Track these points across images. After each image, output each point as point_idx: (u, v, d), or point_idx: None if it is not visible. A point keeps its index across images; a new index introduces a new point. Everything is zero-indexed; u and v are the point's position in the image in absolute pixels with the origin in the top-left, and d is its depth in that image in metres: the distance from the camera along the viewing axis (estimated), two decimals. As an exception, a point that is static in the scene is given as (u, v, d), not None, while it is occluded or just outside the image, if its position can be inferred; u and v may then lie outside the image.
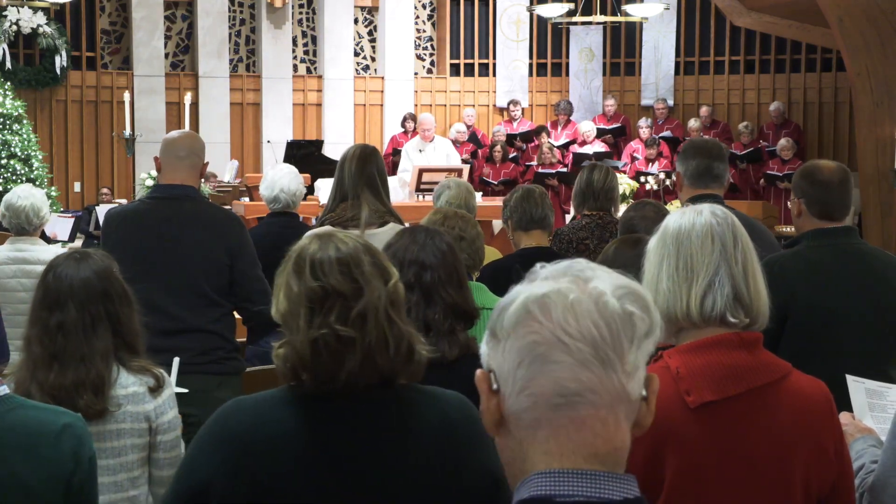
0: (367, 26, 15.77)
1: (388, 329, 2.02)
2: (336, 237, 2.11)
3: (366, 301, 2.01)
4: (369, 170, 4.44)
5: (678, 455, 2.11)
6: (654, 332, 1.41)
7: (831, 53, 14.88)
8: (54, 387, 2.86)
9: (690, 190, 4.21)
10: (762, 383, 2.16)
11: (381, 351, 2.01)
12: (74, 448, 2.33)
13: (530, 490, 1.37)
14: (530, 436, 1.39)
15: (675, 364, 2.15)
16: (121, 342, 2.98)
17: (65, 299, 2.91)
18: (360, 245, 2.09)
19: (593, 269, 1.42)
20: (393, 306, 2.04)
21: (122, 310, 2.98)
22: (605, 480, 1.36)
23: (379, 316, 2.01)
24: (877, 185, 12.04)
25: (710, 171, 4.19)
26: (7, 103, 12.33)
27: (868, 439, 2.69)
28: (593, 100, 15.73)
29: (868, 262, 3.62)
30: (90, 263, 2.98)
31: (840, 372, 3.08)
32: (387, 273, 2.07)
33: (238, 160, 14.10)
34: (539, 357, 1.36)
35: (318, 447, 2.00)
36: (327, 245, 2.07)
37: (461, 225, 3.70)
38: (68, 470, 2.31)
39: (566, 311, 1.37)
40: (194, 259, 4.21)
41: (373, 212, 4.38)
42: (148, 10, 14.51)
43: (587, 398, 1.36)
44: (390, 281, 2.06)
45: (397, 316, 2.05)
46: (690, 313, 2.18)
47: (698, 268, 2.20)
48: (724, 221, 2.24)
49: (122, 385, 2.96)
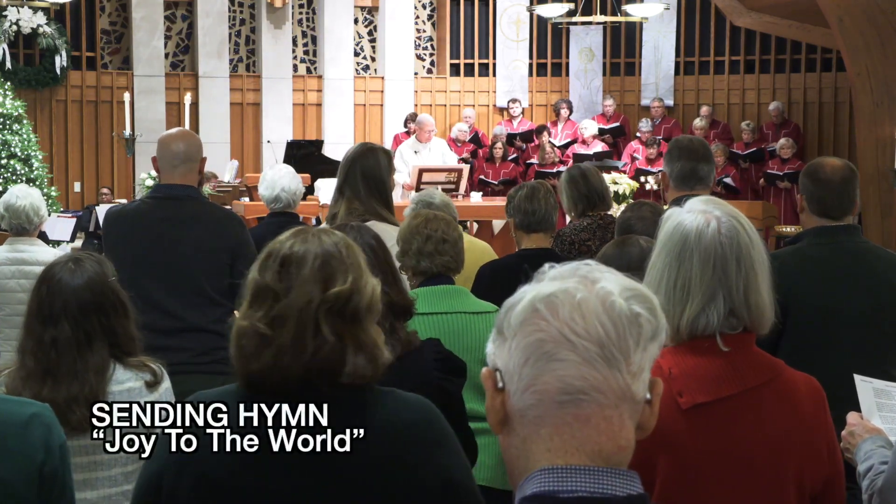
0: (367, 26, 15.77)
1: (309, 333, 1.98)
2: (317, 234, 2.10)
3: (288, 303, 2.00)
4: (353, 169, 4.40)
5: (670, 456, 2.11)
6: (660, 335, 1.42)
7: (831, 53, 14.88)
8: (47, 401, 2.85)
9: (675, 192, 4.24)
10: (755, 384, 2.15)
11: (294, 353, 1.98)
12: (43, 437, 2.32)
13: (533, 487, 1.38)
14: (534, 433, 1.39)
15: (667, 364, 2.14)
16: (117, 350, 2.98)
17: (58, 315, 2.90)
18: (328, 247, 2.06)
19: (601, 270, 1.44)
20: (331, 313, 2.00)
21: (118, 321, 2.97)
22: (609, 476, 1.37)
23: (302, 319, 1.98)
24: (877, 185, 12.04)
25: (696, 174, 4.21)
26: (7, 103, 12.32)
27: (877, 440, 2.67)
28: (593, 100, 15.73)
29: (869, 260, 3.62)
30: (84, 274, 2.95)
31: (839, 370, 3.08)
32: (333, 280, 2.02)
33: (238, 160, 14.09)
34: (545, 355, 1.37)
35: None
36: (292, 241, 2.08)
37: (443, 227, 3.66)
38: (39, 460, 2.30)
39: (573, 310, 1.38)
40: (195, 259, 4.21)
41: (351, 210, 4.36)
42: (148, 10, 14.51)
43: (592, 396, 1.37)
44: (336, 288, 2.01)
45: (337, 322, 2.00)
46: (679, 332, 2.17)
47: (694, 292, 2.16)
48: (731, 239, 2.17)
49: (119, 381, 2.97)
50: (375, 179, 4.40)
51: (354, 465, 2.02)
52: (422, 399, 2.12)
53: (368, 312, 2.06)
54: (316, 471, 2.01)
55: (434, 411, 2.09)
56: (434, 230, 3.63)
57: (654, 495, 2.10)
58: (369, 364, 2.03)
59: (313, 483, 2.01)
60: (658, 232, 2.26)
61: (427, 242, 3.60)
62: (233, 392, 2.07)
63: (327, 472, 2.02)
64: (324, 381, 2.00)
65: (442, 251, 3.60)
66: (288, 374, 1.99)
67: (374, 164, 4.41)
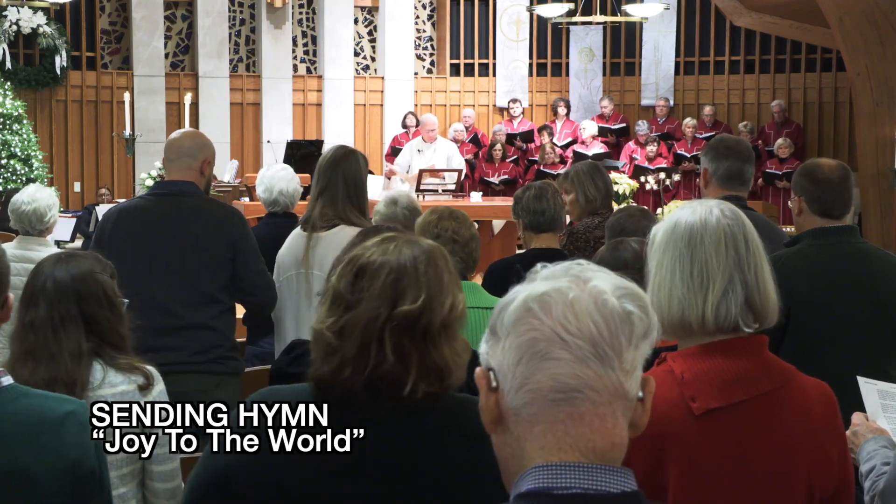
0: (367, 26, 15.78)
1: (373, 349, 1.95)
2: (401, 245, 2.04)
3: (356, 314, 1.97)
4: (335, 172, 4.38)
5: (682, 461, 2.10)
6: (652, 333, 1.43)
7: (831, 53, 14.89)
8: (29, 383, 2.88)
9: (719, 190, 4.07)
10: (767, 389, 2.14)
11: (356, 367, 1.96)
12: (78, 435, 2.31)
13: (528, 484, 1.38)
14: (528, 431, 1.40)
15: (680, 368, 2.13)
16: (100, 343, 2.98)
17: (37, 296, 2.94)
18: (405, 260, 2.01)
19: (594, 269, 1.44)
20: (397, 331, 1.96)
21: (101, 311, 2.98)
22: (603, 473, 1.38)
23: (367, 334, 1.96)
24: (877, 185, 12.04)
25: (742, 175, 4.10)
26: (7, 103, 12.34)
27: (880, 440, 2.66)
28: (593, 100, 15.73)
29: (868, 261, 3.62)
30: (70, 265, 2.99)
31: (840, 371, 3.07)
32: (404, 297, 1.97)
33: (238, 160, 14.10)
34: (538, 353, 1.38)
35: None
36: (373, 250, 2.03)
37: (454, 226, 3.66)
38: (73, 458, 2.30)
39: (566, 308, 1.39)
40: (195, 254, 4.21)
41: (323, 214, 4.35)
42: (148, 10, 14.51)
43: (586, 394, 1.38)
44: (405, 306, 1.96)
45: (404, 341, 1.96)
46: (706, 321, 2.15)
47: (714, 275, 2.16)
48: (736, 223, 2.20)
49: (111, 384, 2.97)
50: (355, 184, 4.38)
51: (420, 473, 1.98)
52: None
53: (443, 331, 1.99)
54: (384, 474, 1.98)
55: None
56: (444, 229, 3.64)
57: (668, 500, 2.10)
58: (436, 383, 1.98)
59: (386, 490, 1.98)
60: (652, 237, 2.26)
61: (437, 240, 3.61)
62: (305, 391, 2.04)
63: (398, 478, 1.98)
64: (383, 398, 1.97)
65: (452, 251, 3.61)
66: (349, 387, 1.97)
67: (355, 168, 4.40)
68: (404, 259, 2.00)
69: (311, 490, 1.99)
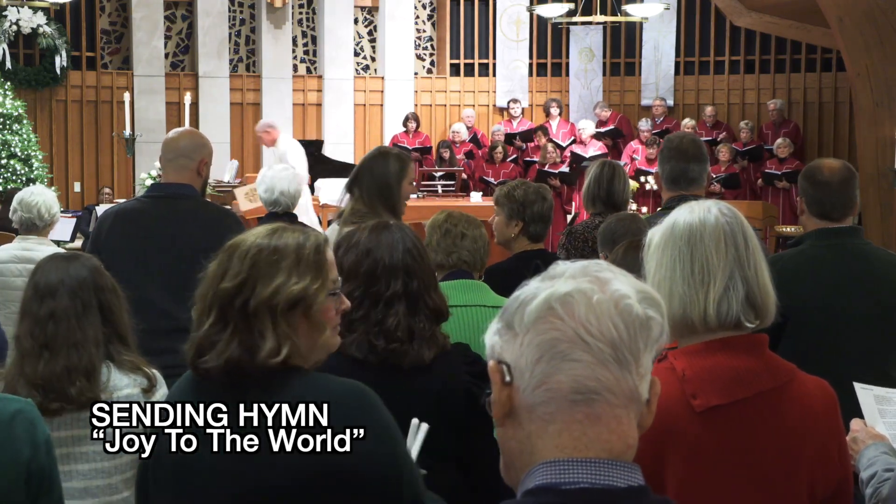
0: (367, 26, 15.77)
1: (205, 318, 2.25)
2: (285, 232, 2.25)
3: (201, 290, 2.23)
4: (364, 170, 4.55)
5: (682, 458, 2.10)
6: (663, 337, 1.45)
7: (831, 53, 14.88)
8: (44, 376, 2.89)
9: (668, 192, 4.18)
10: (769, 387, 2.15)
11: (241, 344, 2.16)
12: (28, 432, 2.32)
13: (536, 480, 1.39)
14: (541, 429, 1.41)
15: (681, 366, 2.14)
16: (112, 333, 3.01)
17: (55, 289, 2.98)
18: (247, 246, 2.27)
19: (612, 270, 1.46)
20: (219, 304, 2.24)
21: (113, 300, 3.05)
22: (610, 468, 1.38)
23: (204, 304, 2.26)
24: (877, 185, 12.04)
25: (686, 175, 4.14)
26: (7, 103, 12.33)
27: (880, 446, 2.65)
28: (593, 100, 15.72)
29: (870, 262, 3.62)
30: (80, 260, 3.08)
31: (840, 372, 3.07)
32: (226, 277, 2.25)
33: (238, 160, 14.10)
34: (559, 354, 1.39)
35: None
36: (261, 235, 2.27)
37: (463, 223, 3.70)
38: (25, 455, 2.31)
39: (589, 311, 1.40)
40: (191, 256, 4.20)
41: (355, 210, 4.46)
42: (148, 10, 14.51)
43: (604, 396, 1.39)
44: (225, 283, 2.24)
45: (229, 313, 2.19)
46: (708, 318, 2.16)
47: (714, 272, 2.17)
48: (734, 221, 2.22)
49: (116, 387, 2.97)
50: (382, 183, 4.49)
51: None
52: (355, 386, 2.14)
53: (267, 311, 2.17)
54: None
55: (361, 398, 2.12)
56: (454, 224, 3.68)
57: (668, 497, 2.10)
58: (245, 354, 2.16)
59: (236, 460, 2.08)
60: (649, 240, 2.27)
61: (445, 237, 3.65)
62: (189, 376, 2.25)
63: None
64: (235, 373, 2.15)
65: (459, 246, 3.64)
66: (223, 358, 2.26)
67: (384, 169, 4.51)
68: (247, 245, 2.28)
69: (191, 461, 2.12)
